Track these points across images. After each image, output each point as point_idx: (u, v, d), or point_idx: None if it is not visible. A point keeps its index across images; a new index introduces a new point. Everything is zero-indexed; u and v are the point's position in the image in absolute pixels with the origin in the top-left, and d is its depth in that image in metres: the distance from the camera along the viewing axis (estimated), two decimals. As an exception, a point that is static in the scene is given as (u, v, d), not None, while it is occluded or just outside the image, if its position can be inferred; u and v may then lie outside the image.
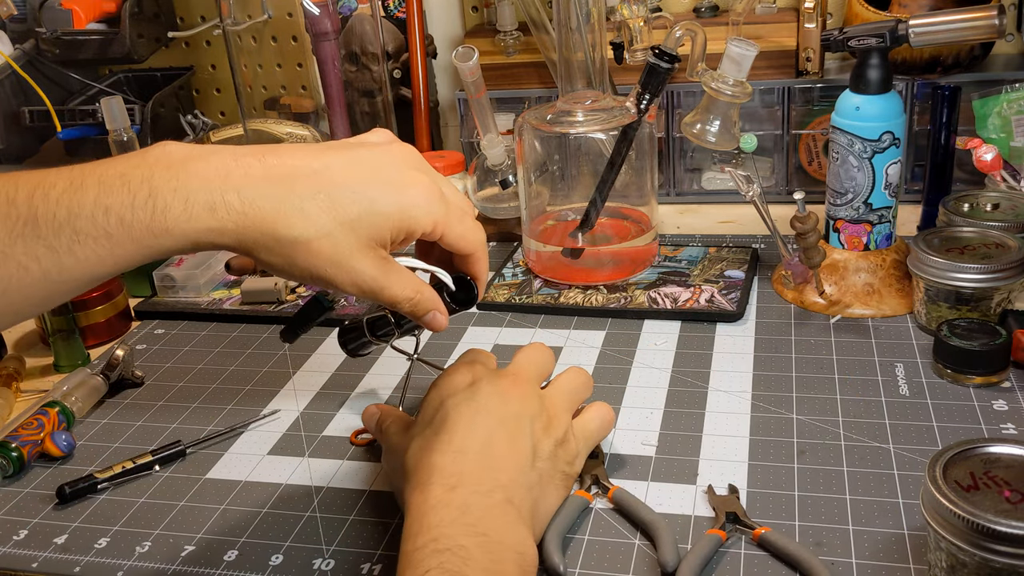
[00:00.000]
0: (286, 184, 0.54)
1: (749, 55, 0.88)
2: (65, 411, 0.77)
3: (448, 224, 0.61)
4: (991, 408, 0.70)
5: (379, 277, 0.58)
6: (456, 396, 0.62)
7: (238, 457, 0.73)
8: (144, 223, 0.51)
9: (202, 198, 0.52)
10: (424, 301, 0.62)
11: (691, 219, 1.12)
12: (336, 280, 0.57)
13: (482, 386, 0.63)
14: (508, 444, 0.60)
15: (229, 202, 0.52)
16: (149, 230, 0.51)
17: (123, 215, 0.50)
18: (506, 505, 0.56)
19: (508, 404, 0.62)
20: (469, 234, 0.63)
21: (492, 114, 1.03)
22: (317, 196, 0.55)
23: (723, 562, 0.58)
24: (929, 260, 0.79)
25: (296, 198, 0.54)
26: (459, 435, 0.59)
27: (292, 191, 0.54)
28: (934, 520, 0.51)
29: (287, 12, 1.13)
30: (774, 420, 0.71)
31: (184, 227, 0.51)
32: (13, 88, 1.20)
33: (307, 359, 0.87)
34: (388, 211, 0.57)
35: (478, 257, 0.66)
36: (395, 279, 0.59)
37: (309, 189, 0.55)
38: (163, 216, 0.51)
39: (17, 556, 0.64)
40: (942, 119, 0.92)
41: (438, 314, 0.63)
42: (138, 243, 0.51)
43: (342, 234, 0.55)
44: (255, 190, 0.53)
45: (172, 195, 0.51)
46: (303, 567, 0.60)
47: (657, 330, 0.86)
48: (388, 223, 0.57)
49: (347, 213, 0.55)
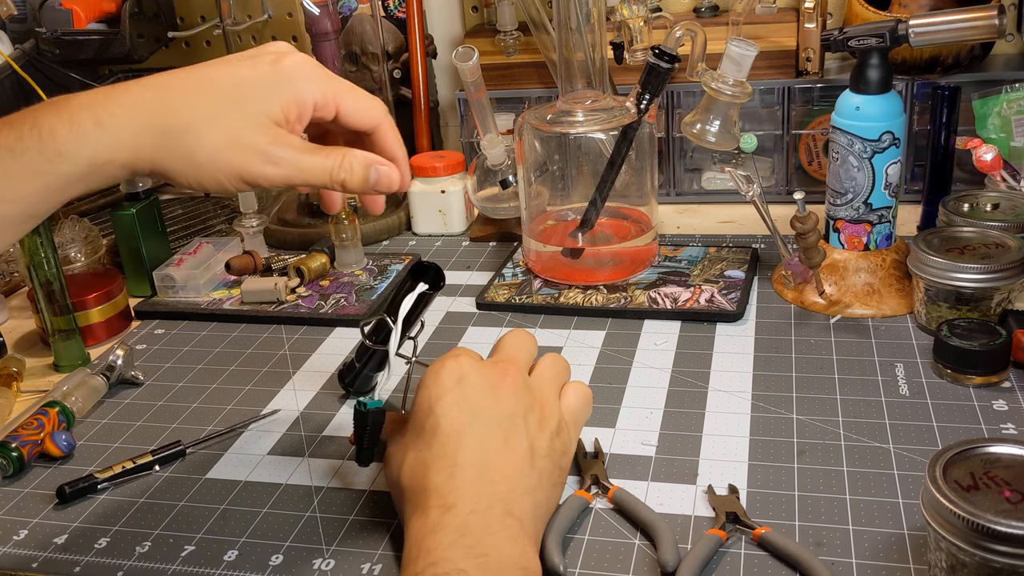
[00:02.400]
0: (163, 85, 0.55)
1: (749, 55, 0.88)
2: (65, 411, 0.77)
3: (339, 93, 0.59)
4: (991, 408, 0.70)
5: (290, 149, 0.56)
6: (445, 398, 0.59)
7: (238, 457, 0.73)
8: (34, 149, 0.51)
9: (86, 115, 0.52)
10: (356, 160, 0.59)
11: (691, 219, 1.12)
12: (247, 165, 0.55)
13: (471, 383, 0.60)
14: (504, 449, 0.58)
15: (113, 112, 0.53)
16: (41, 155, 0.51)
17: (12, 147, 0.51)
18: (506, 519, 0.54)
19: (501, 402, 0.60)
20: (367, 102, 0.61)
21: (492, 114, 1.03)
22: (195, 85, 0.55)
23: (723, 562, 0.58)
24: (929, 260, 0.79)
25: (174, 90, 0.54)
26: (452, 447, 0.57)
27: (168, 86, 0.55)
28: (934, 520, 0.51)
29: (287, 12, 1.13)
30: (774, 420, 0.71)
31: (76, 146, 0.52)
32: (13, 88, 1.20)
33: (307, 359, 0.87)
34: (270, 84, 0.56)
35: (385, 129, 0.62)
36: (311, 147, 0.58)
37: (185, 80, 0.55)
38: (51, 138, 0.51)
39: (17, 556, 0.64)
40: (942, 119, 0.92)
41: (379, 166, 0.60)
42: (34, 171, 0.51)
43: (232, 114, 0.55)
44: (133, 95, 0.54)
45: (56, 119, 0.52)
46: (303, 567, 0.60)
47: (657, 330, 0.86)
48: (275, 96, 0.56)
49: (229, 92, 0.55)
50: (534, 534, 0.57)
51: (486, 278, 1.00)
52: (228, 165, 0.55)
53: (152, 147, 0.53)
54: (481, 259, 1.06)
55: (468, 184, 1.09)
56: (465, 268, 1.04)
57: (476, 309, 0.93)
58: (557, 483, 0.61)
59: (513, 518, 0.55)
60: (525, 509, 0.56)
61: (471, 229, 1.14)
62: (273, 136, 0.55)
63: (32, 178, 0.52)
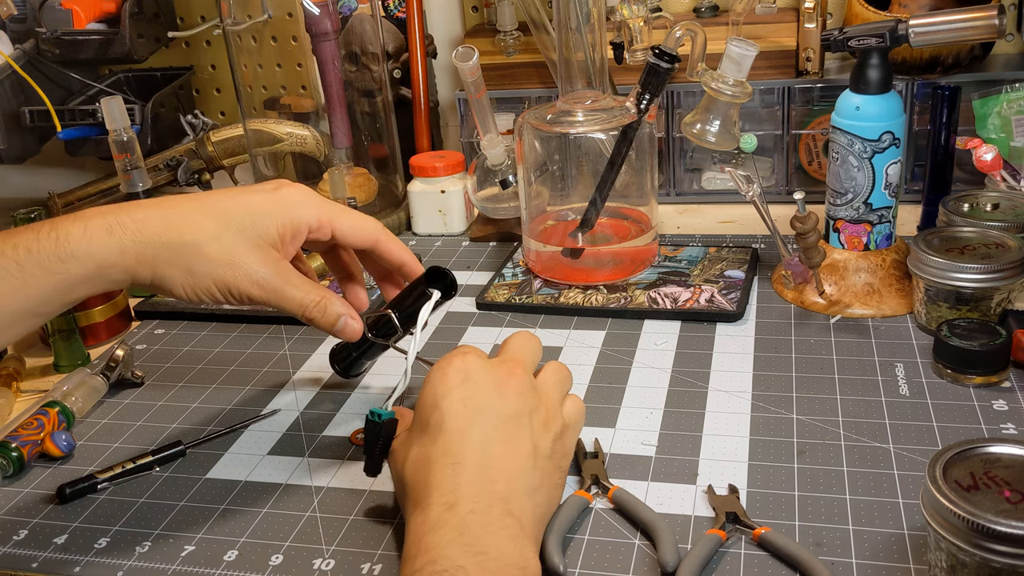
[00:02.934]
0: (171, 205, 0.62)
1: (749, 55, 0.88)
2: (65, 411, 0.77)
3: (333, 215, 0.66)
4: (991, 408, 0.70)
5: (276, 276, 0.63)
6: (451, 395, 0.60)
7: (238, 457, 0.73)
8: (50, 250, 0.58)
9: (99, 223, 0.59)
10: (331, 305, 0.66)
11: (691, 219, 1.12)
12: (235, 282, 0.62)
13: (478, 381, 0.61)
14: (506, 448, 0.58)
15: (123, 223, 0.60)
16: (55, 256, 0.58)
17: (30, 246, 0.58)
18: (506, 518, 0.55)
19: (506, 401, 0.60)
20: (361, 221, 0.68)
21: (492, 114, 1.03)
22: (201, 209, 0.62)
23: (723, 562, 0.58)
24: (929, 260, 0.79)
25: (182, 213, 0.62)
26: (456, 444, 0.57)
27: (177, 208, 0.62)
28: (934, 520, 0.51)
29: (287, 12, 1.13)
30: (774, 420, 0.71)
31: (87, 249, 0.59)
32: (13, 88, 1.20)
33: (307, 359, 0.87)
34: (268, 209, 0.64)
35: (384, 242, 0.69)
36: (296, 280, 0.64)
37: (192, 205, 0.63)
38: (66, 242, 0.58)
39: (17, 556, 0.64)
40: (942, 119, 0.92)
41: (349, 320, 0.67)
42: (47, 270, 0.58)
43: (230, 235, 0.62)
44: (145, 212, 0.61)
45: (72, 225, 0.59)
46: (303, 567, 0.60)
47: (657, 330, 0.86)
48: (272, 220, 0.63)
49: (231, 216, 0.62)
50: (534, 535, 0.57)
51: (486, 278, 1.00)
52: (221, 278, 0.62)
53: (154, 257, 0.60)
54: (481, 259, 1.06)
55: (468, 184, 1.09)
56: (465, 268, 1.04)
57: (476, 309, 0.93)
58: (558, 485, 0.61)
59: (512, 518, 0.55)
60: (525, 509, 0.56)
61: (471, 229, 1.14)
62: (265, 258, 0.63)
63: (44, 276, 0.58)
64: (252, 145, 1.14)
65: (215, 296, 0.62)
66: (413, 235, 1.15)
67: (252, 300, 0.63)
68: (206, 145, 1.20)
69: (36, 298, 0.59)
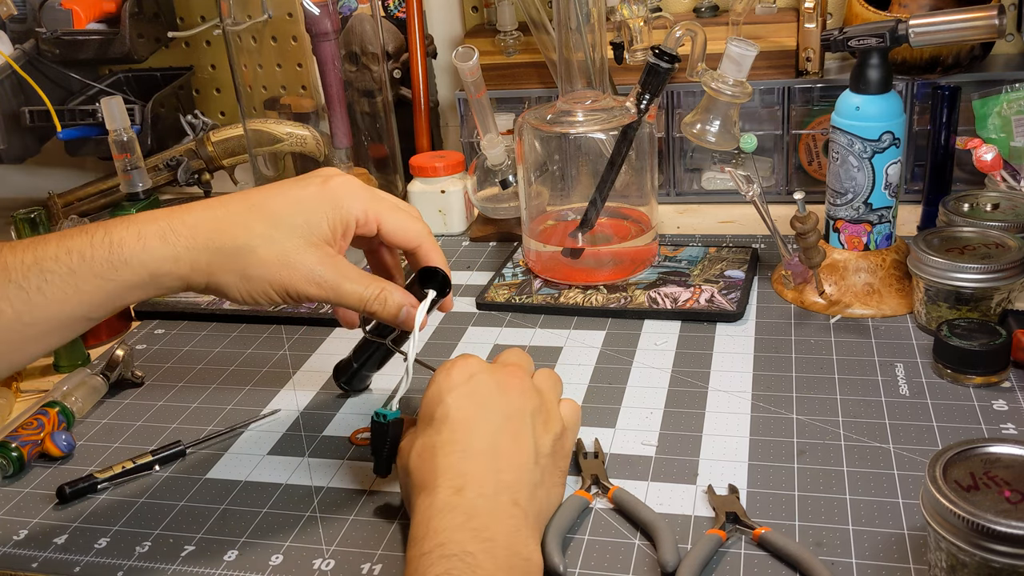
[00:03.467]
0: (221, 207, 0.61)
1: (749, 55, 0.88)
2: (65, 411, 0.77)
3: (381, 211, 0.65)
4: (991, 408, 0.70)
5: (334, 273, 0.62)
6: (456, 391, 0.61)
7: (238, 457, 0.73)
8: (103, 256, 0.57)
9: (152, 229, 0.59)
10: (391, 297, 0.65)
11: (691, 219, 1.12)
12: (294, 283, 0.61)
13: (482, 379, 0.62)
14: (512, 442, 0.59)
15: (176, 229, 0.59)
16: (108, 263, 0.57)
17: (83, 252, 0.57)
18: (512, 507, 0.55)
19: (509, 398, 0.61)
20: (408, 222, 0.67)
21: (492, 114, 1.03)
22: (251, 209, 0.61)
23: (723, 562, 0.58)
24: (929, 260, 0.79)
25: (233, 215, 0.61)
26: (462, 433, 0.59)
27: (228, 210, 0.61)
28: (934, 520, 0.51)
29: (287, 12, 1.13)
30: (774, 420, 0.71)
31: (140, 256, 0.58)
32: (13, 88, 1.20)
33: (307, 359, 0.87)
34: (318, 205, 0.62)
35: (427, 249, 0.68)
36: (353, 275, 0.63)
37: (242, 205, 0.61)
38: (120, 248, 0.58)
39: (17, 556, 0.64)
40: (942, 119, 0.92)
41: (411, 308, 0.66)
42: (100, 276, 0.57)
43: (283, 236, 0.61)
44: (196, 216, 0.60)
45: (125, 231, 0.58)
46: (303, 567, 0.60)
47: (657, 330, 0.86)
48: (322, 216, 0.62)
49: (281, 217, 0.61)
50: (536, 528, 0.57)
51: (486, 278, 1.00)
52: (278, 281, 0.61)
53: (208, 263, 0.60)
54: (481, 259, 1.06)
55: (468, 184, 1.09)
56: (465, 268, 1.04)
57: (476, 309, 0.93)
58: (557, 484, 0.62)
59: (519, 508, 0.55)
60: (530, 503, 0.57)
61: (471, 229, 1.14)
62: (321, 256, 0.62)
63: (96, 282, 0.57)
64: (252, 145, 1.14)
65: (272, 298, 0.62)
66: (413, 235, 1.15)
67: (311, 299, 0.62)
68: (206, 145, 1.20)
69: (88, 304, 0.58)
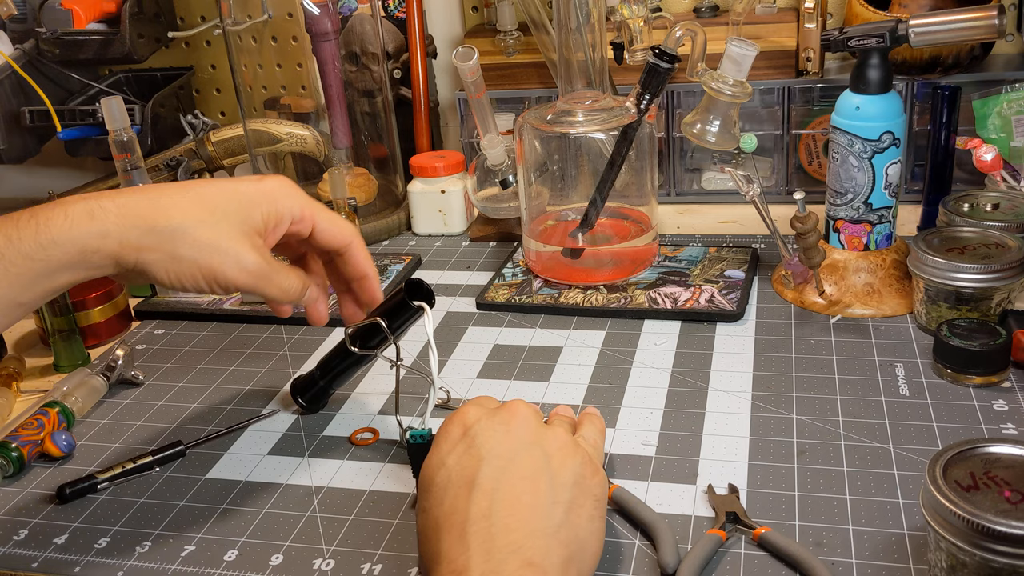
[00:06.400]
0: (157, 190, 0.61)
1: (749, 55, 0.88)
2: (65, 411, 0.77)
3: (315, 211, 0.67)
4: (991, 408, 0.70)
5: (264, 264, 0.63)
6: (456, 450, 0.57)
7: (238, 457, 0.73)
8: (30, 236, 0.57)
9: (80, 208, 0.58)
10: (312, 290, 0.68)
11: (691, 219, 1.12)
12: (223, 268, 0.61)
13: (481, 426, 0.58)
14: (520, 487, 0.54)
15: (105, 207, 0.59)
16: (36, 242, 0.57)
17: (9, 233, 0.57)
18: (523, 570, 0.49)
19: (513, 435, 0.57)
20: (340, 222, 0.69)
21: (492, 114, 1.03)
22: (187, 193, 0.62)
23: (723, 562, 0.58)
24: (929, 260, 0.79)
25: (170, 196, 0.61)
26: (463, 501, 0.53)
27: (163, 192, 0.61)
28: (934, 520, 0.51)
29: (287, 12, 1.13)
30: (774, 420, 0.71)
31: (69, 234, 0.57)
32: (13, 88, 1.20)
33: (307, 359, 0.87)
34: (255, 198, 0.64)
35: (357, 247, 0.70)
36: (280, 267, 0.65)
37: (180, 190, 0.62)
38: (47, 228, 0.57)
39: (17, 556, 0.64)
40: (942, 119, 0.92)
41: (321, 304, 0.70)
42: (27, 257, 0.57)
43: (217, 221, 0.61)
44: (128, 197, 0.60)
45: (52, 211, 0.58)
46: (303, 567, 0.60)
47: (657, 330, 0.86)
48: (256, 208, 0.63)
49: (218, 204, 0.62)
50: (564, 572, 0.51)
51: (486, 278, 1.00)
52: (207, 264, 0.61)
53: (138, 241, 0.59)
54: (481, 259, 1.06)
55: (468, 184, 1.09)
56: (465, 268, 1.04)
57: (476, 309, 0.93)
58: (593, 516, 0.55)
59: (533, 567, 0.50)
60: (550, 553, 0.51)
61: (471, 229, 1.14)
62: (252, 246, 0.62)
63: (25, 263, 0.57)
64: (252, 145, 1.14)
65: (199, 284, 0.61)
66: (413, 235, 1.15)
67: (236, 287, 0.62)
68: (206, 145, 1.20)
69: (17, 286, 0.57)
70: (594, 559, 0.55)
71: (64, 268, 0.58)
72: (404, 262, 1.04)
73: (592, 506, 0.56)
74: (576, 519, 0.54)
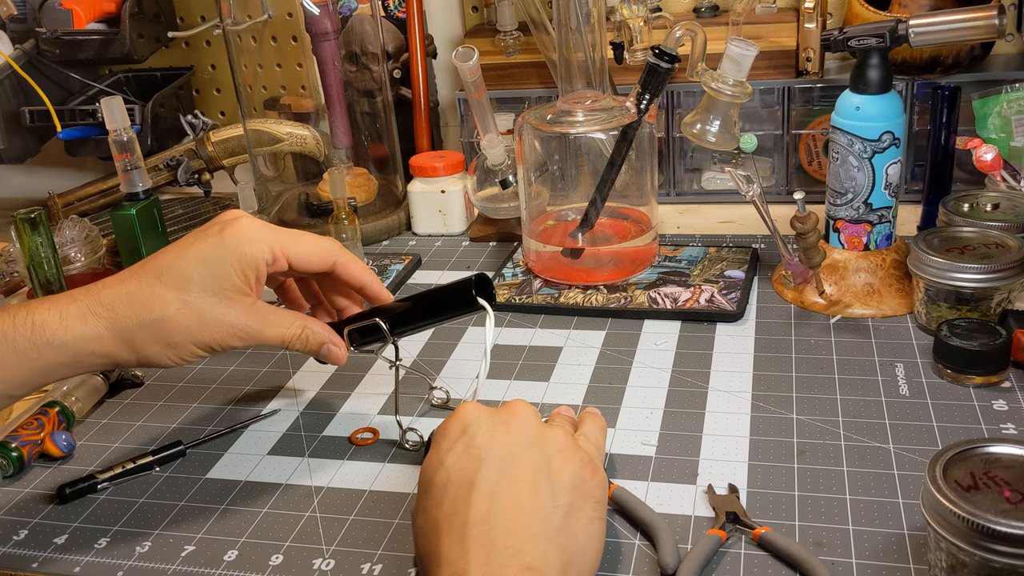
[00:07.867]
0: (133, 280, 0.63)
1: (749, 55, 0.88)
2: (65, 411, 0.77)
3: (286, 244, 0.66)
4: (991, 408, 0.70)
5: (253, 321, 0.64)
6: (455, 449, 0.56)
7: (238, 457, 0.73)
8: (26, 337, 0.59)
9: (73, 310, 0.61)
10: (313, 335, 0.67)
11: (691, 219, 1.12)
12: (216, 337, 0.63)
13: (480, 425, 0.57)
14: (519, 489, 0.53)
15: (95, 310, 0.61)
16: (31, 343, 0.59)
17: (5, 331, 0.59)
18: (524, 573, 0.49)
19: (512, 435, 0.56)
20: (315, 244, 0.67)
21: (492, 114, 1.03)
22: (160, 278, 0.62)
23: (723, 562, 0.58)
24: (929, 260, 0.79)
25: (144, 288, 0.62)
26: (463, 502, 0.53)
27: (140, 284, 0.62)
28: (934, 520, 0.51)
29: (287, 12, 1.13)
30: (774, 420, 0.71)
31: (63, 337, 0.60)
32: (13, 88, 1.20)
33: (307, 359, 0.87)
34: (222, 256, 0.63)
35: (344, 262, 0.68)
36: (272, 319, 0.65)
37: (151, 276, 0.63)
38: (42, 330, 0.59)
39: (17, 556, 0.64)
40: (942, 119, 0.92)
41: (332, 346, 0.68)
42: (22, 356, 0.59)
43: (195, 298, 0.62)
44: (111, 293, 0.62)
45: (47, 312, 0.60)
46: (303, 567, 0.60)
47: (657, 330, 0.86)
48: (227, 267, 0.63)
49: (191, 278, 0.62)
50: None
51: (486, 278, 1.00)
52: (201, 340, 0.63)
53: (131, 339, 0.62)
54: (481, 259, 1.06)
55: (468, 184, 1.09)
56: (465, 268, 1.04)
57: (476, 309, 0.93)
58: (593, 518, 0.55)
59: (532, 571, 0.49)
60: (549, 557, 0.51)
61: (471, 229, 1.14)
62: (237, 309, 0.63)
63: (20, 362, 0.59)
64: (252, 145, 1.14)
65: (201, 356, 0.64)
66: (413, 235, 1.15)
67: (237, 348, 0.65)
68: (206, 145, 1.20)
69: (11, 382, 0.60)
70: (594, 561, 0.55)
71: (60, 367, 0.61)
72: (404, 262, 1.04)
73: (592, 509, 0.55)
74: (575, 523, 0.54)
